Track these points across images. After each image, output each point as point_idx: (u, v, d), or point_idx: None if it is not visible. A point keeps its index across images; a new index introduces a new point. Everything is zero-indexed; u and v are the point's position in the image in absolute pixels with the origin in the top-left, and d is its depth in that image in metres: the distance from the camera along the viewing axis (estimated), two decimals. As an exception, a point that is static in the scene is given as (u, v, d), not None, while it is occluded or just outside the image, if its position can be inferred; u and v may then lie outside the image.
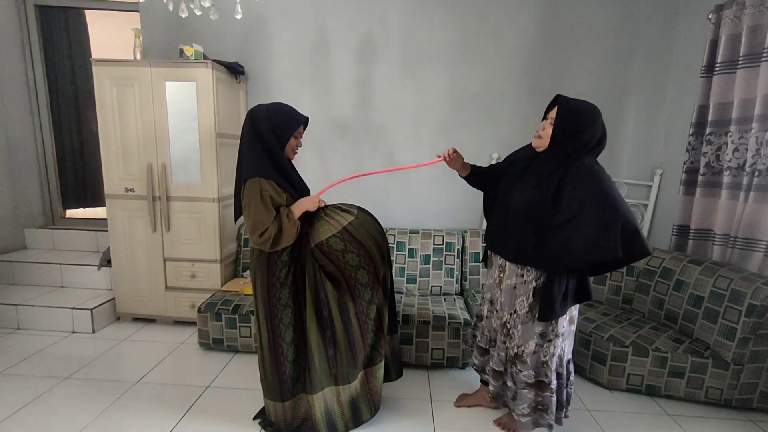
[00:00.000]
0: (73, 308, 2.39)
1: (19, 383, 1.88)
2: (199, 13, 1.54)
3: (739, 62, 1.97)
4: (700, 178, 2.18)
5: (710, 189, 2.15)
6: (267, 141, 1.41)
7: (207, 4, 1.46)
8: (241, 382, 1.94)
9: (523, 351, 1.45)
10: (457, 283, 2.52)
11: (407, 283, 2.51)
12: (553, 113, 1.37)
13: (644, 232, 2.62)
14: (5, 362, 2.05)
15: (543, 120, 1.42)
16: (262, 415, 1.65)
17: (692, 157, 2.25)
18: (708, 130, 2.14)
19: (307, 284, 1.46)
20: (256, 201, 1.35)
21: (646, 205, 2.60)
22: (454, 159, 1.57)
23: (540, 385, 1.46)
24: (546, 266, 1.36)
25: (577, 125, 1.30)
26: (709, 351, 1.80)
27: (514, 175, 1.49)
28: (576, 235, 1.26)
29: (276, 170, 1.42)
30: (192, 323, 2.47)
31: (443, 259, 2.51)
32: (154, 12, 2.61)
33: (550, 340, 1.42)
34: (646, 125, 2.59)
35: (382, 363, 1.56)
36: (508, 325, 1.49)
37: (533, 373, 1.45)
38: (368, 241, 1.49)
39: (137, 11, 2.70)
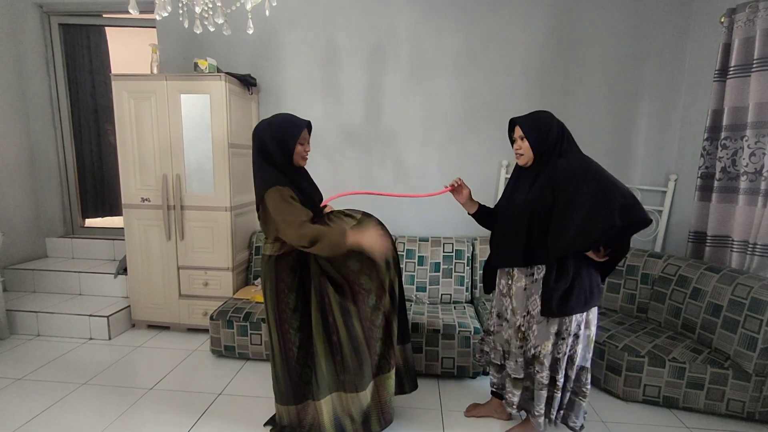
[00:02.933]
0: (90, 315, 2.45)
1: (39, 388, 1.93)
2: (212, 30, 1.59)
3: (754, 66, 1.94)
4: (716, 183, 2.14)
5: (727, 194, 2.10)
6: (273, 155, 1.43)
7: (220, 21, 1.51)
8: (252, 389, 1.96)
9: (540, 352, 1.44)
10: (467, 291, 2.51)
11: (417, 291, 2.50)
12: (517, 132, 1.48)
13: (659, 238, 2.57)
14: (26, 368, 2.11)
15: (513, 144, 1.53)
16: (272, 423, 1.66)
17: (707, 162, 2.21)
18: (723, 135, 2.10)
19: (312, 289, 1.48)
20: (281, 204, 1.37)
21: (660, 211, 2.55)
22: (460, 188, 1.62)
23: (552, 382, 1.47)
24: (552, 252, 1.37)
25: (543, 128, 1.43)
26: (729, 361, 1.75)
27: (508, 193, 1.57)
28: (575, 211, 1.31)
29: (286, 179, 1.45)
30: (204, 330, 2.51)
31: (453, 266, 2.50)
32: (170, 28, 2.71)
33: (563, 338, 1.42)
34: (659, 130, 2.55)
35: (392, 372, 1.54)
36: (523, 328, 1.49)
37: (549, 374, 1.45)
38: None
39: (154, 27, 2.80)
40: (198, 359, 2.25)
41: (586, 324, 1.44)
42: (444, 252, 2.52)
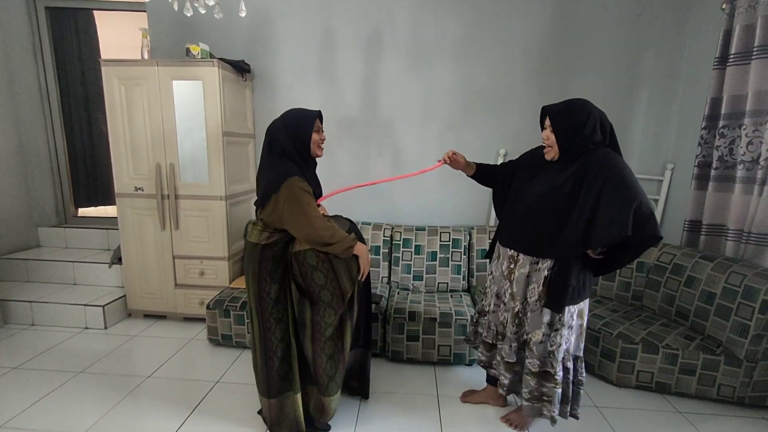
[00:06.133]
0: (85, 305, 2.43)
1: (35, 378, 1.93)
2: (203, 12, 1.55)
3: (754, 53, 1.92)
4: (712, 172, 2.14)
5: (723, 183, 2.11)
6: (290, 149, 1.43)
7: (211, 3, 1.47)
8: (249, 377, 1.95)
9: (531, 339, 1.46)
10: (463, 279, 2.51)
11: (414, 280, 2.50)
12: (547, 122, 1.42)
13: (655, 227, 2.58)
14: (21, 357, 2.10)
15: (542, 131, 1.46)
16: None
17: (705, 150, 2.21)
18: (721, 123, 2.09)
19: (290, 283, 1.49)
20: (302, 198, 1.37)
21: (657, 200, 2.56)
22: (455, 161, 1.61)
23: (545, 376, 1.47)
24: (565, 253, 1.36)
25: (575, 121, 1.34)
26: (722, 348, 1.77)
27: (529, 173, 1.52)
28: (596, 218, 1.28)
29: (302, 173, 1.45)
30: (201, 320, 2.51)
31: (450, 255, 2.50)
32: (160, 11, 2.64)
33: (557, 330, 1.42)
34: (657, 119, 2.54)
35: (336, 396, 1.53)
36: (520, 315, 1.50)
37: (538, 363, 1.46)
38: (340, 267, 1.46)
39: (144, 11, 2.72)
40: (195, 348, 2.25)
41: (579, 314, 1.45)
42: (441, 241, 2.51)
